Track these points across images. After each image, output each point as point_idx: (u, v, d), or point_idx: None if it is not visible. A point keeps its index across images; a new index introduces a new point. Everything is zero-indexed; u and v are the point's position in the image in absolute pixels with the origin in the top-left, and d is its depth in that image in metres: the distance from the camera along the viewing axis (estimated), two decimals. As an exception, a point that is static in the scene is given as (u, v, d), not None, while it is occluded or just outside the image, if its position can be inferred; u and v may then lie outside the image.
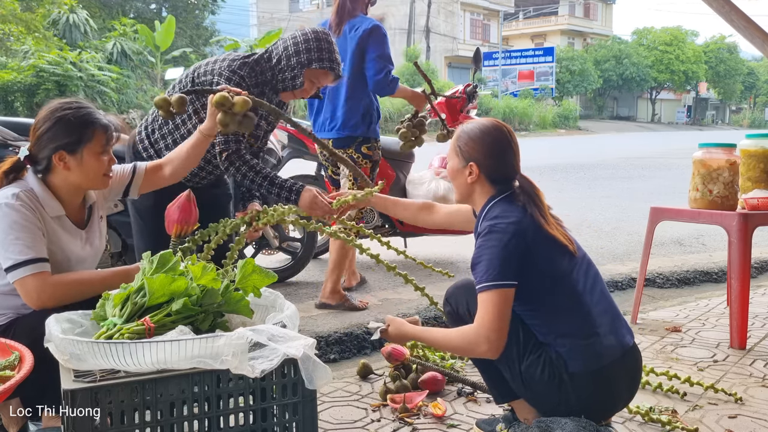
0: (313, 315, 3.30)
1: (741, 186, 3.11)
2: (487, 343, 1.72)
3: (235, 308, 1.65)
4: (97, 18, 23.28)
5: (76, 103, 1.91)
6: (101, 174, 1.93)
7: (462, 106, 4.59)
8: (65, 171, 1.88)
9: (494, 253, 1.75)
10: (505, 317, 1.73)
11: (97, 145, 1.89)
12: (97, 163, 1.90)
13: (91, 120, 1.88)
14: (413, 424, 2.11)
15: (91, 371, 1.42)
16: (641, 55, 42.70)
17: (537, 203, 1.84)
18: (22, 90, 15.02)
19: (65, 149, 1.86)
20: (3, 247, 1.77)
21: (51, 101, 1.92)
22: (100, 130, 1.89)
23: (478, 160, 1.87)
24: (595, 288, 1.83)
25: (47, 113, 1.87)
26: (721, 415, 2.20)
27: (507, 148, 1.88)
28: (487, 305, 1.73)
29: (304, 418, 1.57)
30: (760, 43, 3.71)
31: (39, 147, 1.87)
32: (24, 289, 1.77)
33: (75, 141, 1.86)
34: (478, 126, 1.91)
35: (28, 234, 1.79)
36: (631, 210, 7.09)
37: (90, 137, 1.87)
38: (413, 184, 4.41)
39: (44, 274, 1.78)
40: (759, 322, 3.29)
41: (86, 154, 1.88)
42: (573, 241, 1.85)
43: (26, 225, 1.79)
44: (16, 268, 1.76)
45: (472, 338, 1.74)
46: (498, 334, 1.72)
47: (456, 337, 1.79)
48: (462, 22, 40.65)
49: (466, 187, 1.92)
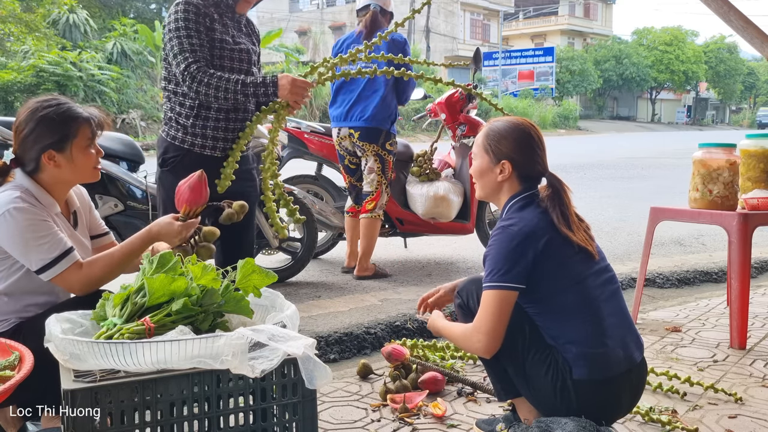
0: (313, 315, 3.30)
1: (741, 186, 3.11)
2: (480, 343, 1.77)
3: (235, 308, 1.65)
4: (97, 18, 23.30)
5: (54, 99, 1.90)
6: (91, 167, 1.94)
7: (462, 106, 4.60)
8: (56, 169, 1.87)
9: (502, 254, 1.75)
10: (501, 319, 1.74)
11: (83, 139, 1.89)
12: (86, 158, 1.90)
13: (73, 115, 1.88)
14: (413, 424, 2.11)
15: (91, 371, 1.42)
16: (641, 55, 42.70)
17: (561, 204, 1.83)
18: (22, 90, 15.03)
19: (53, 148, 1.85)
20: (26, 249, 1.77)
21: (27, 101, 1.90)
22: (84, 124, 1.89)
23: (511, 158, 1.87)
24: (611, 300, 1.81)
25: (28, 114, 1.86)
26: (721, 415, 2.20)
27: (537, 145, 1.89)
28: (486, 305, 1.75)
29: (304, 418, 1.57)
30: (759, 43, 3.71)
31: (25, 148, 1.86)
32: (66, 283, 1.80)
33: (61, 138, 1.85)
34: (507, 124, 1.90)
35: (48, 230, 1.79)
36: (631, 210, 7.09)
37: (75, 133, 1.87)
38: (413, 185, 4.41)
39: (78, 263, 1.81)
40: (759, 322, 3.29)
41: (74, 150, 1.88)
42: (595, 248, 1.84)
43: (43, 222, 1.80)
44: (51, 267, 1.77)
45: (468, 335, 1.80)
46: (491, 335, 1.74)
47: (458, 332, 1.86)
48: (462, 22, 40.66)
49: (494, 185, 1.91)
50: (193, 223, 1.93)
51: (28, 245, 1.76)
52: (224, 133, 2.54)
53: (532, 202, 1.85)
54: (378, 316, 3.25)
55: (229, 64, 2.51)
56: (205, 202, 1.95)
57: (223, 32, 2.50)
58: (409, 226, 4.45)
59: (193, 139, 2.52)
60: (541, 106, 32.26)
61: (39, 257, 1.77)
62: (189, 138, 2.51)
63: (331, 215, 4.35)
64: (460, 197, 4.41)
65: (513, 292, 1.74)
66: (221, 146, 2.55)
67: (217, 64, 2.48)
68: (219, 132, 2.53)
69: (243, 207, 2.05)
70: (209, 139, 2.52)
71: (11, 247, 1.78)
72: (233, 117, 2.55)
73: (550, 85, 36.07)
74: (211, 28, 2.47)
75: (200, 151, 2.53)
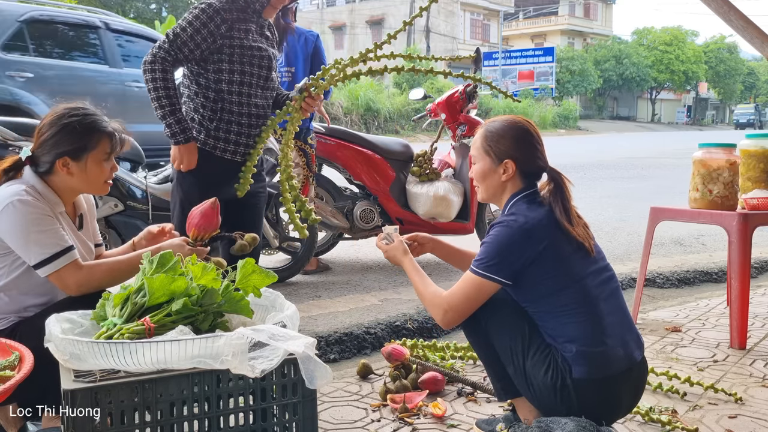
0: (313, 315, 3.30)
1: (741, 186, 3.11)
2: (442, 314, 1.83)
3: (235, 308, 1.65)
4: (97, 18, 23.25)
5: (83, 109, 1.93)
6: (102, 181, 1.96)
7: (462, 107, 4.60)
8: (68, 176, 1.90)
9: (496, 247, 1.77)
10: (471, 303, 1.80)
11: (101, 152, 1.91)
12: (99, 171, 1.92)
13: (96, 128, 1.90)
14: (413, 424, 2.11)
15: (91, 371, 1.42)
16: (641, 55, 42.69)
17: (563, 198, 1.83)
18: (22, 90, 15.00)
19: (69, 155, 1.87)
20: (26, 243, 1.78)
21: (58, 105, 1.93)
22: (105, 138, 1.91)
23: (514, 157, 1.87)
24: (611, 299, 1.82)
25: (53, 118, 1.89)
26: (721, 415, 2.20)
27: (537, 141, 1.90)
28: (464, 285, 1.80)
29: (304, 418, 1.57)
30: (759, 43, 3.71)
31: (42, 151, 1.89)
32: (61, 280, 1.80)
33: (79, 148, 1.88)
34: (505, 123, 1.90)
35: (50, 226, 1.80)
36: (631, 210, 7.09)
37: (95, 145, 1.90)
38: (413, 185, 4.41)
39: (77, 263, 1.82)
40: (759, 322, 3.29)
41: (90, 161, 1.90)
42: (593, 245, 1.84)
43: (45, 218, 1.80)
44: (49, 262, 1.78)
45: (436, 302, 1.85)
46: (456, 313, 1.81)
47: (428, 293, 1.89)
48: (462, 22, 40.65)
49: (498, 186, 1.91)
50: (202, 251, 1.94)
51: (29, 238, 1.77)
52: (246, 138, 2.58)
53: (534, 200, 1.85)
54: (378, 316, 3.25)
55: (249, 69, 2.53)
56: (215, 229, 1.98)
57: (244, 38, 2.51)
58: (409, 226, 4.45)
59: (216, 142, 2.54)
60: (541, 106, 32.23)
61: (39, 251, 1.77)
62: (211, 141, 2.54)
63: (331, 215, 4.34)
64: (460, 197, 4.41)
65: (495, 284, 1.77)
66: (242, 151, 2.58)
67: (237, 69, 2.50)
68: (242, 137, 2.57)
69: (255, 240, 2.07)
70: (231, 144, 2.55)
71: (12, 239, 1.78)
72: (255, 123, 2.58)
73: (550, 85, 36.06)
74: (228, 35, 2.47)
75: (221, 155, 2.55)
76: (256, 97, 2.58)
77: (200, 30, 2.44)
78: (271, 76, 2.63)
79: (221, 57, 2.49)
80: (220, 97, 2.52)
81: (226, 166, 2.56)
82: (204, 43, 2.45)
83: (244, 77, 2.52)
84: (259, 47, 2.56)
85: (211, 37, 2.45)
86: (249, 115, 2.56)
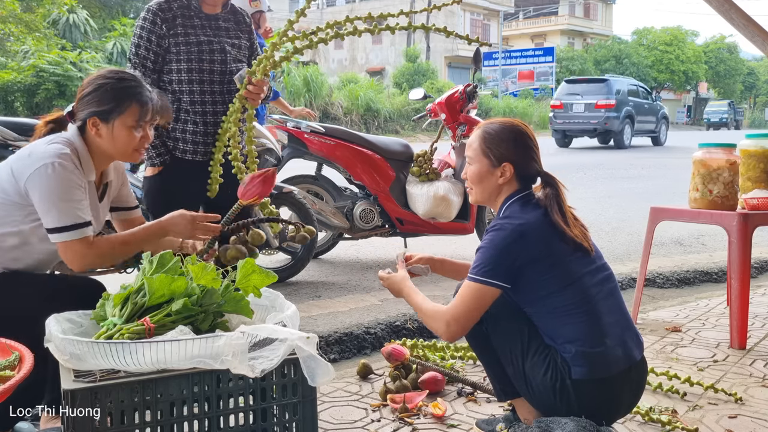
0: (313, 315, 3.30)
1: (741, 186, 3.11)
2: (445, 327, 1.80)
3: (235, 308, 1.65)
4: (97, 18, 23.32)
5: (123, 73, 1.95)
6: (131, 149, 1.95)
7: (462, 106, 4.60)
8: (96, 137, 1.91)
9: (493, 251, 1.76)
10: (474, 312, 1.77)
11: (129, 118, 1.90)
12: (127, 137, 1.92)
13: (128, 93, 1.90)
14: (413, 424, 2.11)
15: (91, 371, 1.42)
16: (641, 55, 42.66)
17: (558, 200, 1.83)
18: (22, 90, 15.01)
19: (98, 116, 1.89)
20: (50, 206, 1.78)
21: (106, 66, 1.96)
22: (137, 105, 1.91)
23: (512, 160, 1.86)
24: (609, 299, 1.82)
25: (94, 77, 1.92)
26: (721, 415, 2.20)
27: (533, 145, 1.90)
28: (464, 295, 1.78)
29: (304, 418, 1.57)
30: (761, 42, 3.71)
31: (79, 107, 1.91)
32: (68, 252, 1.81)
33: (108, 110, 1.88)
34: (503, 126, 1.90)
35: (77, 197, 1.81)
36: (631, 210, 7.08)
37: (123, 110, 1.89)
38: (413, 185, 4.41)
39: (89, 239, 1.82)
40: (759, 322, 3.29)
41: (117, 125, 1.90)
42: (591, 245, 1.84)
43: (76, 188, 1.81)
44: (64, 231, 1.78)
45: (437, 317, 1.82)
46: (458, 324, 1.78)
47: (428, 309, 1.86)
48: (462, 22, 40.63)
49: (495, 188, 1.90)
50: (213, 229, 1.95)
51: (54, 202, 1.78)
52: (203, 137, 2.55)
53: (529, 202, 1.85)
54: (378, 316, 3.25)
55: (198, 66, 2.51)
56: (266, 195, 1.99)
57: (191, 34, 2.51)
58: (409, 226, 4.45)
59: (175, 143, 2.54)
60: (541, 106, 32.20)
61: (57, 217, 1.78)
62: (170, 143, 2.54)
63: (331, 215, 4.34)
64: (460, 197, 4.41)
65: (495, 289, 1.76)
66: (201, 150, 2.55)
67: (185, 67, 2.50)
68: (198, 136, 2.54)
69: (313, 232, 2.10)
70: (189, 143, 2.54)
71: (39, 196, 1.78)
72: (212, 120, 2.55)
73: (550, 85, 36.00)
74: (171, 34, 2.48)
75: (182, 156, 2.54)
76: (212, 93, 2.55)
77: (149, 38, 2.47)
78: (227, 69, 2.57)
79: (170, 57, 2.50)
80: (176, 98, 2.52)
81: (188, 167, 2.54)
82: (157, 48, 2.48)
83: (193, 74, 2.50)
84: (209, 41, 2.54)
85: (158, 40, 2.48)
86: (204, 113, 2.54)
